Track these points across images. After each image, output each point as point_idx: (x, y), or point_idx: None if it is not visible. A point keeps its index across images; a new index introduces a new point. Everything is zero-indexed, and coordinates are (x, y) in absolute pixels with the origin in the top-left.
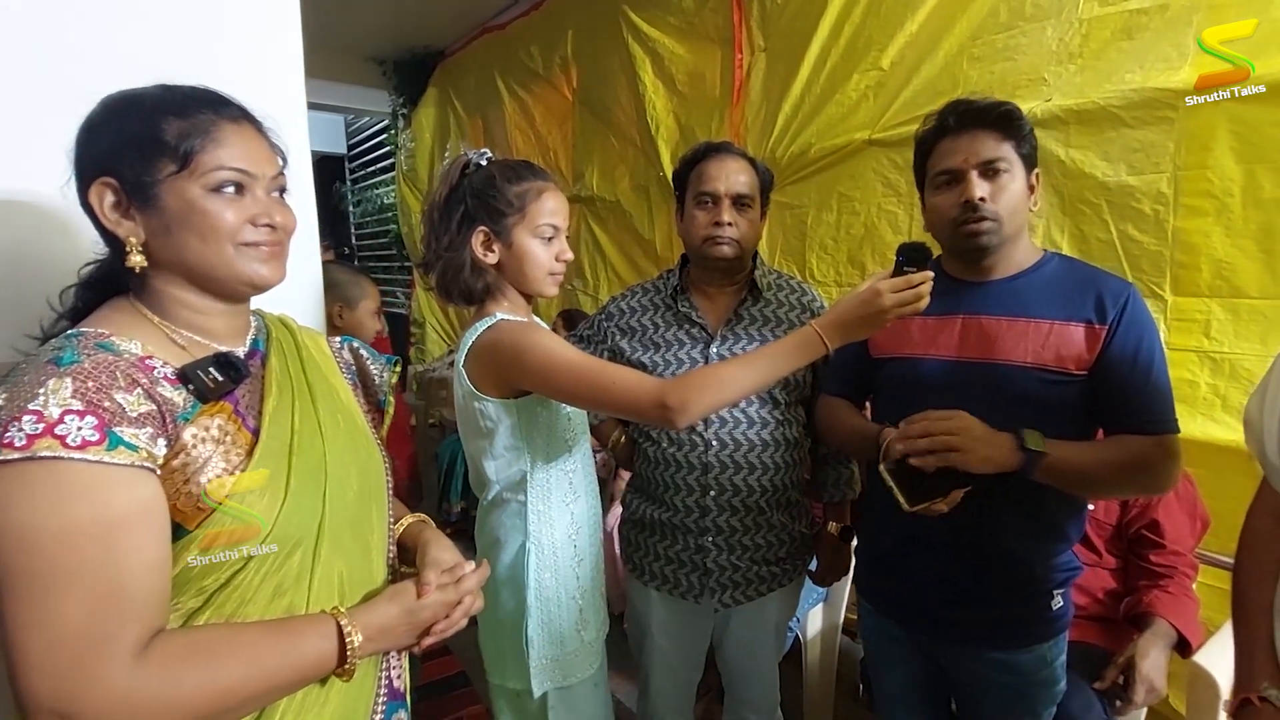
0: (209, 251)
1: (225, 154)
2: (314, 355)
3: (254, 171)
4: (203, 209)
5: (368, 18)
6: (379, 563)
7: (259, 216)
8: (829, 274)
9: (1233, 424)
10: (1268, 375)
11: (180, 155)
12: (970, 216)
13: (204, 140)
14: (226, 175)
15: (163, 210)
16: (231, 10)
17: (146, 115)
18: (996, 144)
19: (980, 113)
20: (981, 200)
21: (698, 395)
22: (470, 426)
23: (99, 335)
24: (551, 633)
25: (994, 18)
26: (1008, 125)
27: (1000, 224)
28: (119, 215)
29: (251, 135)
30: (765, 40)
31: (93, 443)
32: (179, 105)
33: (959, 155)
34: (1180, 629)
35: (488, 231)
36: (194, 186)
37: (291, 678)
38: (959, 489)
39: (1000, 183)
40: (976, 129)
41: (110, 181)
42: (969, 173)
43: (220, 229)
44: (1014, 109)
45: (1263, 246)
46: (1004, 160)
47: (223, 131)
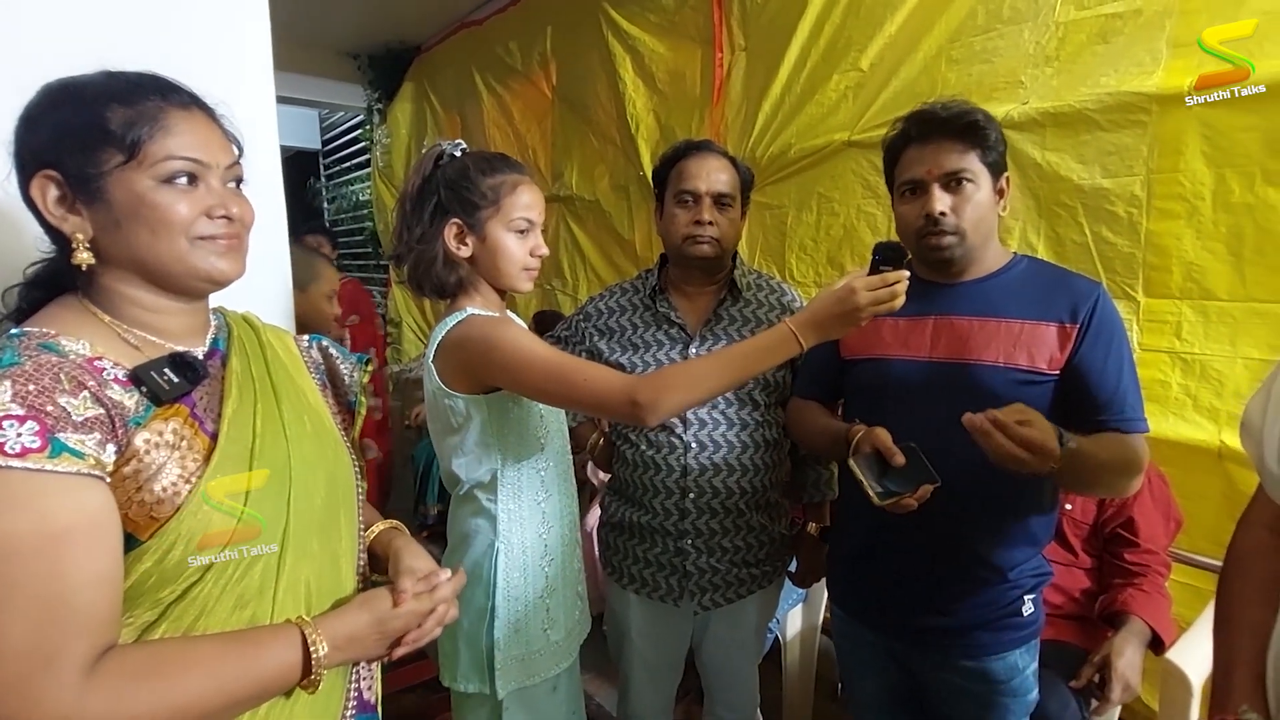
0: (161, 247)
1: (175, 143)
2: (279, 354)
3: (207, 160)
4: (153, 201)
5: (342, 11)
6: (348, 571)
7: (215, 208)
8: (808, 274)
9: (1203, 424)
10: (1270, 379)
11: (127, 145)
12: (931, 230)
13: (152, 128)
14: (178, 165)
15: (110, 204)
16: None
17: (89, 103)
18: (960, 155)
19: (944, 122)
20: (943, 214)
21: (669, 393)
22: (440, 423)
23: (43, 335)
24: (517, 633)
25: (972, 20)
26: (972, 135)
27: (963, 236)
28: (64, 210)
29: (203, 122)
30: (745, 39)
31: (33, 449)
32: (124, 92)
33: (922, 166)
34: (1154, 627)
35: (461, 224)
36: (143, 178)
37: (253, 691)
38: (929, 484)
39: (964, 194)
40: (940, 139)
41: (53, 175)
42: (931, 185)
43: (173, 222)
44: (979, 118)
45: (1232, 249)
46: (967, 171)
47: (171, 119)
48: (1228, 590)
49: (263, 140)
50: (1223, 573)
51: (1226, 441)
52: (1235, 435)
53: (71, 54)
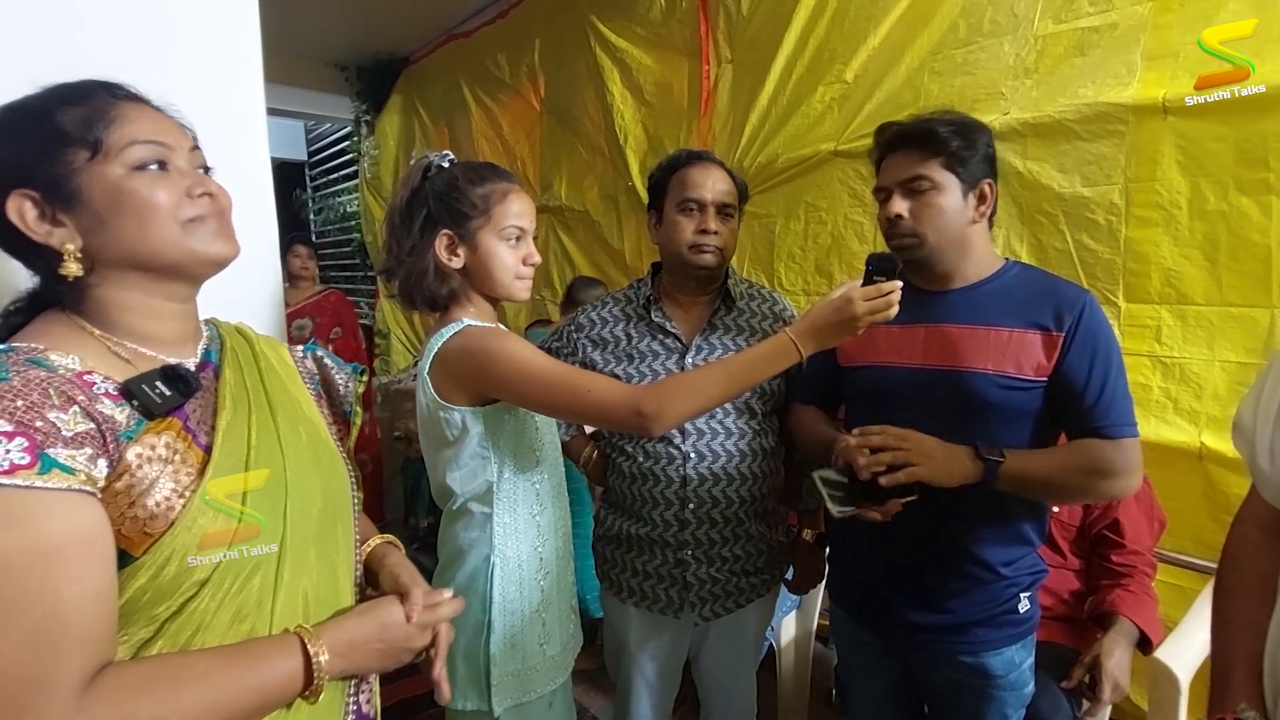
0: (152, 234)
1: (133, 129)
2: (273, 365)
3: (169, 142)
4: (130, 189)
5: (330, 23)
6: (346, 583)
7: (193, 187)
8: (797, 283)
9: (1184, 426)
10: (1260, 380)
11: (89, 141)
12: (890, 232)
13: (106, 120)
14: (143, 150)
15: (89, 202)
16: (189, 12)
17: (39, 113)
18: (919, 162)
19: (901, 135)
20: (899, 217)
21: (674, 402)
22: (434, 436)
23: (31, 350)
24: (514, 647)
25: (954, 33)
26: (930, 143)
27: (922, 239)
28: (46, 225)
29: (153, 112)
30: (732, 52)
31: (23, 466)
32: (68, 94)
33: (887, 175)
34: (1142, 626)
35: (452, 235)
36: (113, 168)
37: (254, 703)
38: (903, 499)
39: (924, 200)
40: (900, 149)
41: (26, 192)
42: (892, 191)
43: (157, 206)
44: (936, 127)
45: (1208, 256)
46: (925, 179)
47: (123, 109)
48: (1223, 589)
49: (253, 151)
50: (1218, 572)
51: (1206, 443)
52: (1215, 437)
53: (60, 66)
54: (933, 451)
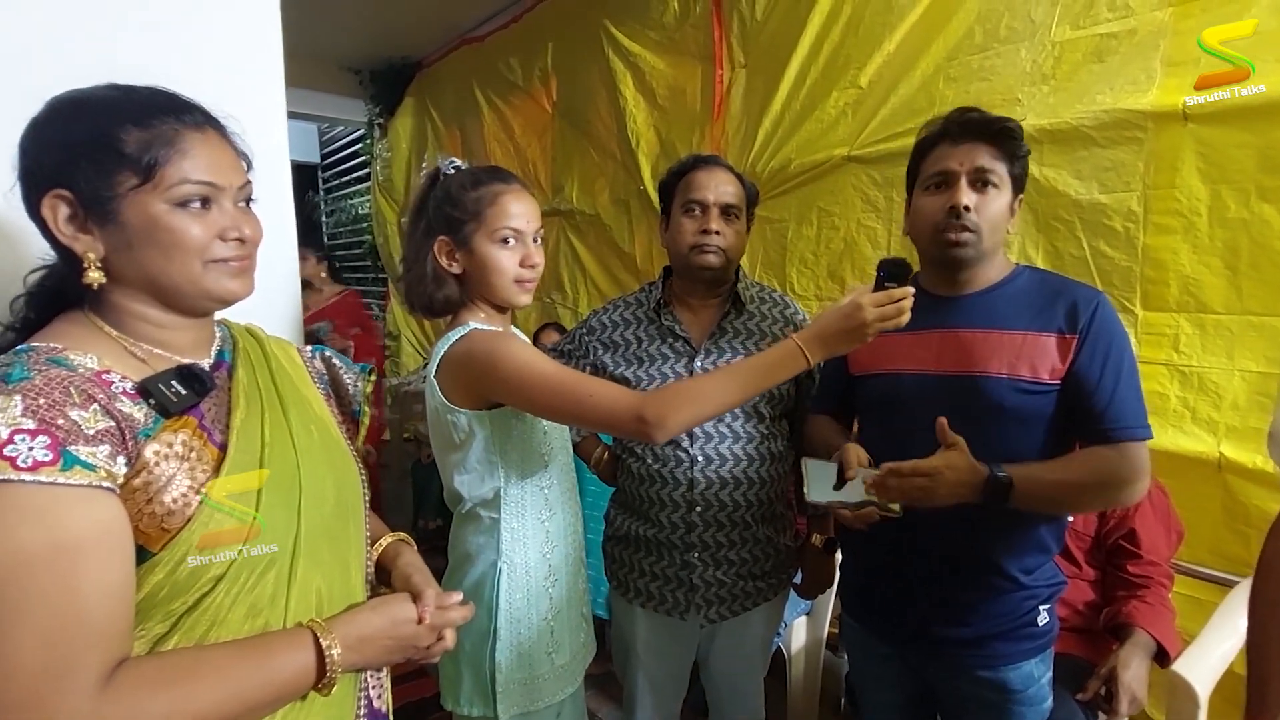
0: (174, 269)
1: (190, 166)
2: (284, 365)
3: (220, 183)
4: (168, 225)
5: (344, 27)
6: (358, 579)
7: (228, 230)
8: (809, 288)
9: (1202, 436)
10: None
11: (143, 168)
12: (953, 224)
13: (168, 151)
14: (192, 189)
15: (124, 226)
16: (214, 17)
17: (102, 123)
18: (993, 157)
19: (983, 124)
20: (966, 209)
21: (676, 409)
22: (442, 440)
23: (51, 350)
24: (520, 655)
25: (970, 39)
26: (1006, 141)
27: (980, 236)
28: (75, 230)
29: (217, 143)
30: (745, 57)
31: (45, 463)
32: (137, 111)
33: (955, 160)
34: (1159, 639)
35: (449, 241)
36: (157, 201)
37: (269, 696)
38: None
39: (988, 195)
40: (977, 140)
41: (64, 194)
42: (961, 178)
43: (188, 246)
44: (1016, 127)
45: (1227, 264)
46: (996, 174)
47: (187, 141)
48: (1261, 601)
49: (274, 155)
50: (1255, 584)
51: (1225, 453)
52: (1234, 447)
53: (84, 66)
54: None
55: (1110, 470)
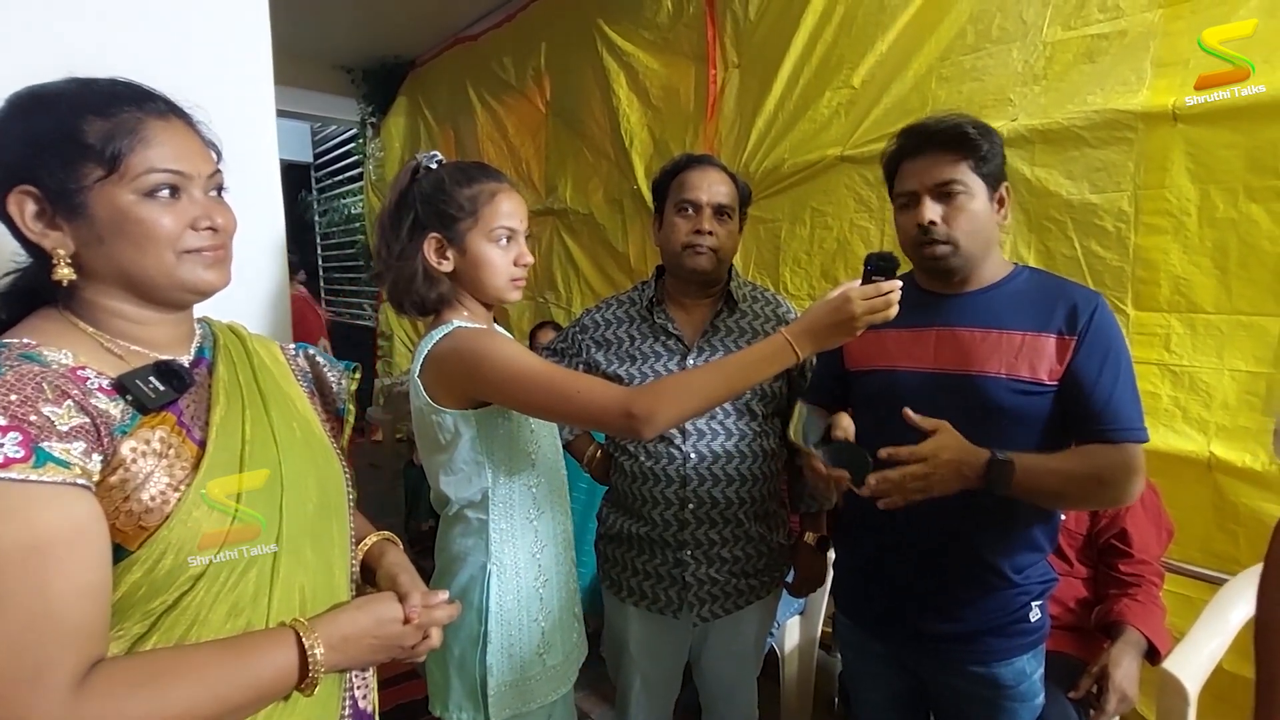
0: (148, 261)
1: (156, 154)
2: (266, 362)
3: (189, 171)
4: (137, 216)
5: (336, 26)
6: (341, 579)
7: (199, 219)
8: (802, 287)
9: (1192, 435)
10: None
11: (107, 159)
12: (923, 239)
13: (131, 140)
14: (160, 178)
15: (93, 219)
16: (200, 15)
17: (64, 115)
18: (951, 165)
19: (934, 134)
20: (933, 224)
21: (665, 405)
22: (428, 440)
23: (24, 346)
24: (512, 658)
25: (962, 39)
26: (963, 145)
27: (956, 245)
28: (43, 226)
29: (182, 131)
30: (739, 57)
31: (17, 460)
32: (99, 102)
33: (915, 178)
34: (1149, 637)
35: (440, 238)
36: (125, 192)
37: (249, 697)
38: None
39: (956, 204)
40: (932, 150)
41: (30, 190)
42: (922, 196)
43: (158, 237)
44: (967, 129)
45: (1217, 264)
46: (958, 182)
47: (150, 129)
48: (1268, 602)
49: (263, 154)
50: (1262, 580)
51: (1215, 452)
52: (1224, 446)
53: (73, 66)
54: (940, 481)
55: (1107, 467)
